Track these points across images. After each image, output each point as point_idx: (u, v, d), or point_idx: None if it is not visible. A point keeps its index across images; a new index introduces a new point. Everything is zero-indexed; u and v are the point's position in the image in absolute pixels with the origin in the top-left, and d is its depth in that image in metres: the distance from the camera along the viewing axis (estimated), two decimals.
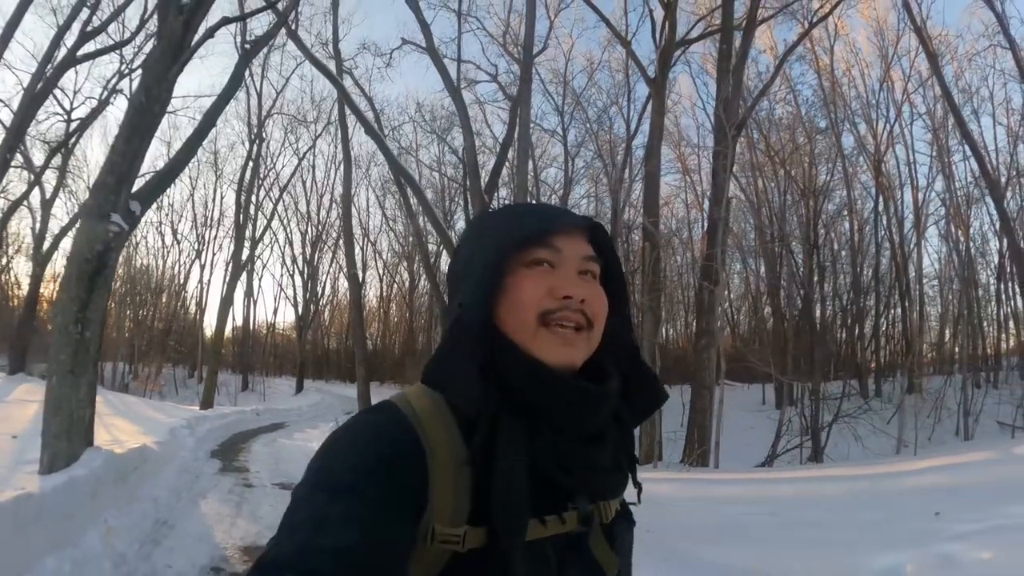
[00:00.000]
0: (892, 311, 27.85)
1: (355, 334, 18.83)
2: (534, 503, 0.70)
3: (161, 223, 35.27)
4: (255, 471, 8.68)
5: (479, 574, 0.68)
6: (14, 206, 18.61)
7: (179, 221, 36.13)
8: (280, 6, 11.08)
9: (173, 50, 6.63)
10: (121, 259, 30.54)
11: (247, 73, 16.74)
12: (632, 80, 20.27)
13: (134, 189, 6.41)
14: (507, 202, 18.18)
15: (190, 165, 24.16)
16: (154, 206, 28.06)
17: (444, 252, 17.26)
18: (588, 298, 0.78)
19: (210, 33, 7.24)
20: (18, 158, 17.11)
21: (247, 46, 9.96)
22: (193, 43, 6.83)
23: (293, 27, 14.61)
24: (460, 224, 22.88)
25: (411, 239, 22.86)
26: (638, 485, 0.86)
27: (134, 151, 6.34)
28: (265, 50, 20.89)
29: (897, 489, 6.83)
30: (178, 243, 35.88)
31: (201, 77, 74.38)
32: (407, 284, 36.03)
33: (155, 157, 26.73)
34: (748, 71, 22.36)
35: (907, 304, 26.23)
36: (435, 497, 0.69)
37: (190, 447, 9.75)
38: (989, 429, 16.04)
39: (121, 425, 9.81)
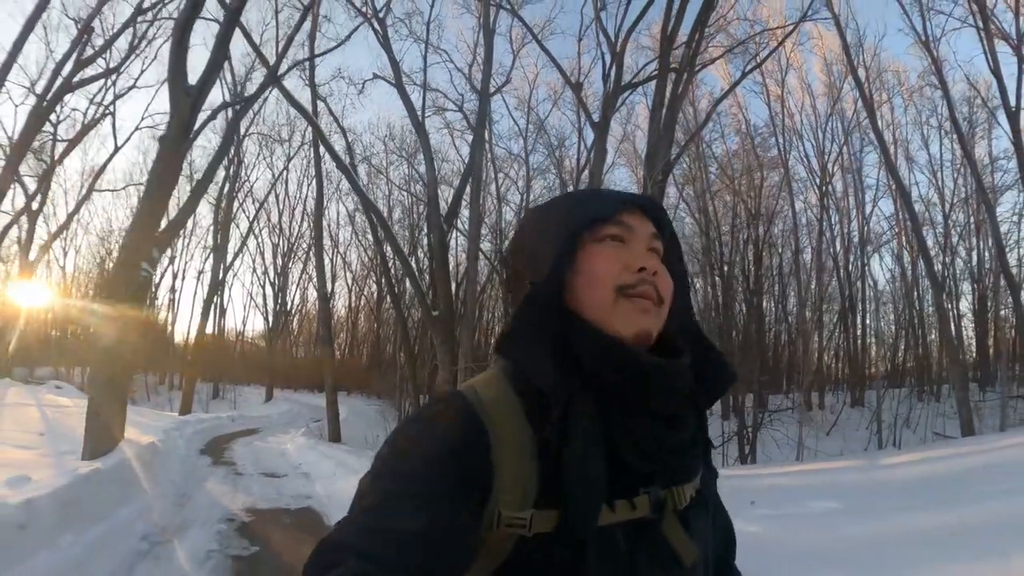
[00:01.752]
0: (837, 329, 30.36)
1: (323, 350, 20.78)
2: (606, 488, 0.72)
3: None
4: (241, 464, 10.79)
5: (546, 558, 0.71)
6: (11, 223, 20.39)
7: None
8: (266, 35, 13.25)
9: (183, 128, 8.76)
10: (93, 264, 32.18)
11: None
12: (583, 117, 22.37)
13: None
14: (464, 229, 20.35)
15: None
16: (130, 215, 30.09)
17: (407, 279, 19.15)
18: (659, 272, 0.82)
19: (213, 115, 9.38)
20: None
21: (237, 107, 12.06)
22: (198, 125, 8.98)
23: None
24: (424, 243, 24.86)
25: (377, 260, 24.75)
26: (714, 471, 0.91)
27: (157, 212, 8.47)
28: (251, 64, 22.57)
29: (741, 485, 9.06)
30: None
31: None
32: (375, 296, 37.65)
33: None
34: (702, 103, 24.87)
35: (850, 322, 28.95)
36: (500, 482, 0.72)
37: (182, 446, 11.80)
38: (927, 440, 18.11)
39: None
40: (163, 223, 9.33)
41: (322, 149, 19.56)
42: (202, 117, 9.68)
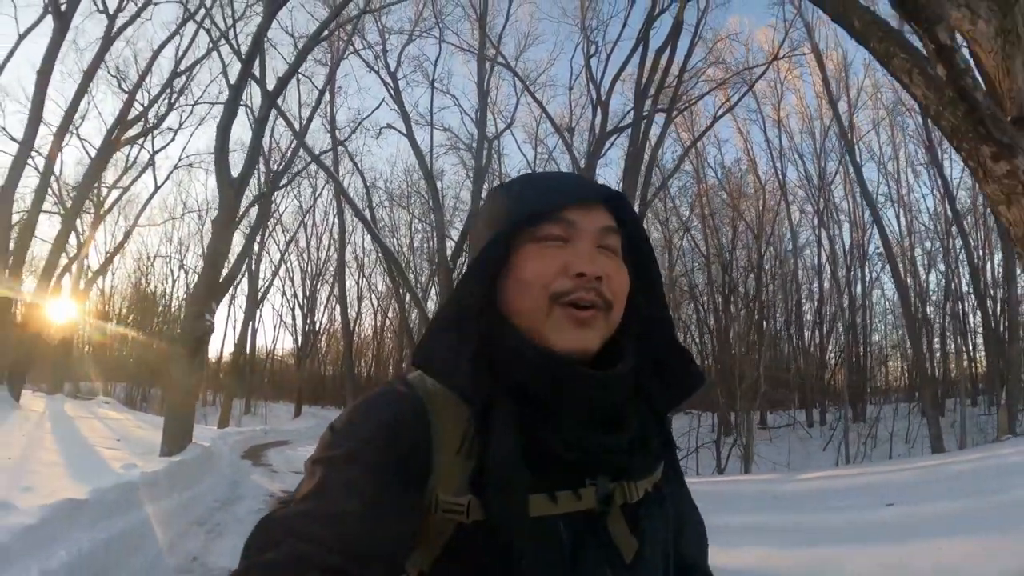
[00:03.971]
0: (839, 345, 32.78)
1: (346, 373, 24.32)
2: (547, 479, 0.74)
3: (171, 257, 40.14)
4: (276, 466, 14.42)
5: (485, 546, 0.72)
6: (69, 264, 24.41)
7: (186, 253, 40.42)
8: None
9: (230, 213, 12.41)
10: (129, 286, 36.37)
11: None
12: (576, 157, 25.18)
13: None
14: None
15: (199, 205, 30.98)
16: (164, 240, 34.73)
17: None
18: (606, 275, 0.78)
19: (253, 203, 12.99)
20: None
21: (271, 174, 15.66)
22: (241, 210, 12.60)
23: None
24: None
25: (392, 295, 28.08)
26: (679, 473, 0.91)
27: (214, 276, 12.12)
28: (272, 119, 26.38)
29: None
30: (185, 274, 39.86)
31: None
32: (399, 319, 40.43)
33: None
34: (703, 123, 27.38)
35: (850, 338, 31.33)
36: (440, 466, 0.74)
37: (227, 452, 15.42)
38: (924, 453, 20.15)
39: None
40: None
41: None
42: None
